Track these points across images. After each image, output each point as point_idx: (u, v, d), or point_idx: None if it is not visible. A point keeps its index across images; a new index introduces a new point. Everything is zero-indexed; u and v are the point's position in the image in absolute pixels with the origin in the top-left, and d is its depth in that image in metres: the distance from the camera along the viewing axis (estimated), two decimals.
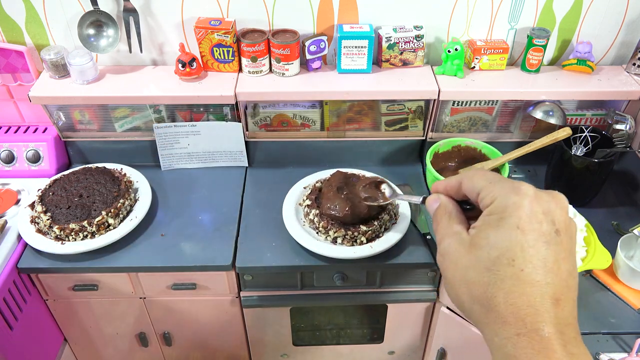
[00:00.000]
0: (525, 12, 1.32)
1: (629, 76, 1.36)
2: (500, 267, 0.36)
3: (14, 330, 1.19)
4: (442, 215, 0.43)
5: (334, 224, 1.16)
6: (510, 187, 0.38)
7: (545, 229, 0.36)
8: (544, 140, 1.24)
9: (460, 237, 0.40)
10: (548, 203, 0.38)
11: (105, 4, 1.27)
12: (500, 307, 0.36)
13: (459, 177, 0.43)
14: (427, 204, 0.46)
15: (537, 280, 0.35)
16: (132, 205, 1.28)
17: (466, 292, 0.38)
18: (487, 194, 0.39)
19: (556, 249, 0.36)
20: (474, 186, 0.41)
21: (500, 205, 0.38)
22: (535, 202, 0.37)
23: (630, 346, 1.00)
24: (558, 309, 0.35)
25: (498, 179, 0.40)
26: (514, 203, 0.37)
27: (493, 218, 0.38)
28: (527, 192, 0.37)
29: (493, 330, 0.36)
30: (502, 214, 0.37)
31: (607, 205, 1.35)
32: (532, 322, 0.35)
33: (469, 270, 0.38)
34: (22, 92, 1.39)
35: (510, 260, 0.36)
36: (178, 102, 1.33)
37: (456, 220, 0.42)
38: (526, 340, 0.34)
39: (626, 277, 1.10)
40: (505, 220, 0.37)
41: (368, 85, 1.31)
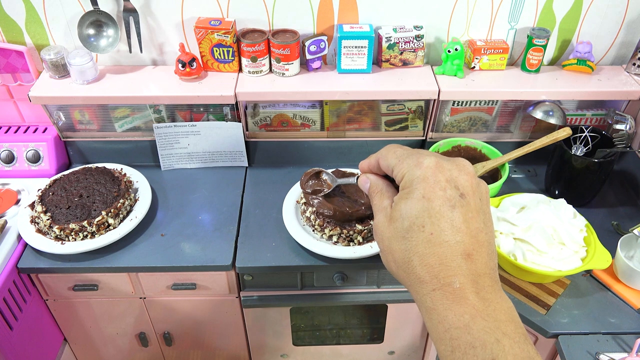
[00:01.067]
0: (525, 12, 1.32)
1: (629, 76, 1.36)
2: (412, 234, 0.40)
3: (14, 330, 1.19)
4: (375, 193, 0.47)
5: (330, 222, 1.16)
6: (415, 162, 0.42)
7: (450, 194, 0.40)
8: (544, 140, 1.24)
9: (386, 212, 0.44)
10: (450, 171, 0.41)
11: (105, 4, 1.27)
12: (417, 269, 0.40)
13: (376, 156, 0.47)
14: (359, 185, 0.49)
15: (446, 240, 0.39)
16: (132, 205, 1.28)
17: (392, 259, 0.42)
18: (398, 171, 0.43)
19: (462, 210, 0.40)
20: (388, 164, 0.45)
21: (408, 180, 0.41)
22: (437, 172, 0.41)
23: (630, 346, 1.00)
24: (470, 262, 0.39)
25: (406, 154, 0.43)
26: (418, 176, 0.41)
27: (404, 192, 0.42)
28: (428, 165, 0.41)
29: (414, 289, 0.41)
30: (410, 187, 0.41)
31: (607, 205, 1.35)
32: (445, 277, 0.38)
33: (391, 240, 0.42)
34: (22, 92, 1.39)
35: (421, 227, 0.40)
36: (178, 102, 1.33)
37: (386, 195, 0.46)
38: (440, 293, 0.38)
39: (626, 277, 1.10)
40: (413, 192, 0.40)
41: (368, 85, 1.31)
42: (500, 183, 1.24)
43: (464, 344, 0.36)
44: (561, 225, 1.09)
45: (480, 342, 0.36)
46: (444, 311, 0.38)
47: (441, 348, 0.38)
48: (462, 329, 0.37)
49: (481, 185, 0.42)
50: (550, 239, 1.07)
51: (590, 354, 1.00)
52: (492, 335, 0.36)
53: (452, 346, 0.37)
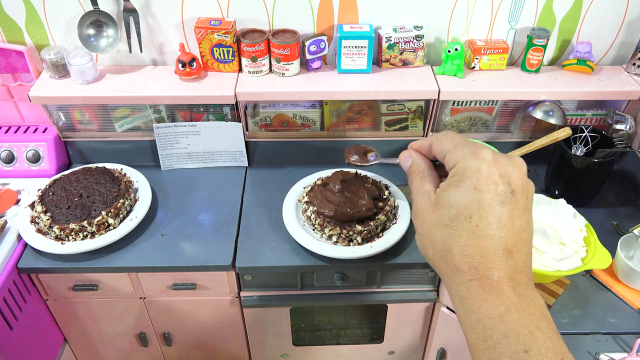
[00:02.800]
0: (525, 12, 1.32)
1: (629, 76, 1.36)
2: (458, 224, 0.40)
3: (14, 330, 1.19)
4: (416, 173, 0.46)
5: (330, 222, 1.16)
6: (472, 152, 0.41)
7: (501, 190, 0.40)
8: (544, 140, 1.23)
9: (429, 197, 0.44)
10: (505, 166, 0.41)
11: (105, 4, 1.27)
12: (456, 258, 0.40)
13: (430, 138, 0.46)
14: (400, 160, 0.49)
15: (491, 234, 0.39)
16: (132, 205, 1.28)
17: (430, 246, 0.42)
18: (452, 157, 0.42)
19: (511, 207, 0.40)
20: (442, 149, 0.44)
21: (461, 168, 0.41)
22: (493, 165, 0.40)
23: (630, 346, 1.00)
24: (510, 258, 0.39)
25: (463, 142, 0.43)
26: (473, 166, 0.40)
27: (454, 179, 0.41)
28: (485, 156, 0.41)
29: (450, 278, 0.41)
30: (462, 175, 0.41)
31: (607, 205, 1.35)
32: (484, 269, 0.39)
33: (433, 227, 0.42)
34: (22, 92, 1.39)
35: (468, 217, 0.40)
36: (178, 102, 1.33)
37: (428, 179, 0.45)
38: (477, 284, 0.39)
39: (626, 277, 1.10)
40: (465, 181, 0.40)
41: (368, 85, 1.31)
42: None
43: (497, 334, 0.37)
44: (561, 225, 1.09)
45: (514, 333, 0.36)
46: (479, 301, 0.38)
47: (472, 337, 0.39)
48: (496, 319, 0.37)
49: (530, 185, 0.42)
50: (550, 239, 1.07)
51: (590, 354, 1.00)
52: (526, 328, 0.36)
53: (485, 335, 0.37)
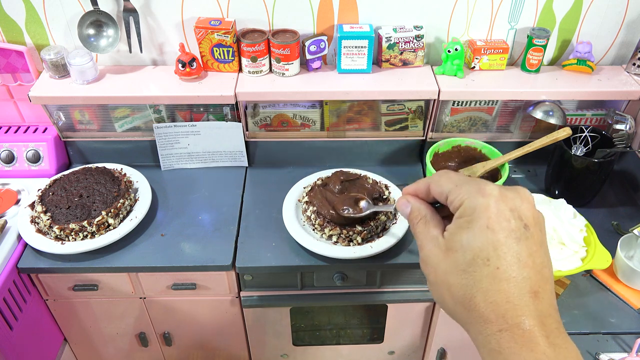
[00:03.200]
0: (525, 12, 1.32)
1: (629, 76, 1.36)
2: (476, 268, 0.37)
3: (14, 330, 1.19)
4: (417, 219, 0.44)
5: (330, 222, 1.17)
6: (476, 189, 0.39)
7: (514, 226, 0.38)
8: (544, 140, 1.24)
9: (437, 242, 0.41)
10: (513, 200, 0.39)
11: (105, 4, 1.27)
12: (480, 307, 0.37)
13: (427, 180, 0.44)
14: (399, 208, 0.46)
15: (513, 276, 0.36)
16: (132, 205, 1.28)
17: (448, 294, 0.39)
18: (455, 197, 0.40)
19: (527, 243, 0.37)
20: (442, 190, 0.42)
21: (468, 208, 0.39)
22: (501, 201, 0.38)
23: (630, 346, 1.00)
24: (537, 301, 0.36)
25: (464, 181, 0.41)
26: (481, 204, 0.38)
27: (463, 221, 0.39)
28: (492, 193, 0.38)
29: (476, 328, 0.37)
30: (471, 216, 0.38)
31: (607, 205, 1.35)
32: (513, 317, 0.36)
33: (448, 274, 0.39)
34: (22, 92, 1.39)
35: (485, 260, 0.37)
36: (178, 102, 1.33)
37: (432, 223, 0.43)
38: (509, 335, 0.35)
39: (626, 277, 1.10)
40: (475, 221, 0.38)
41: (368, 85, 1.31)
42: (500, 183, 1.24)
43: None
44: (561, 225, 1.09)
45: None
46: (512, 355, 0.35)
47: None
48: None
49: (541, 216, 0.40)
50: (550, 239, 1.07)
51: (590, 354, 1.00)
52: None
53: None
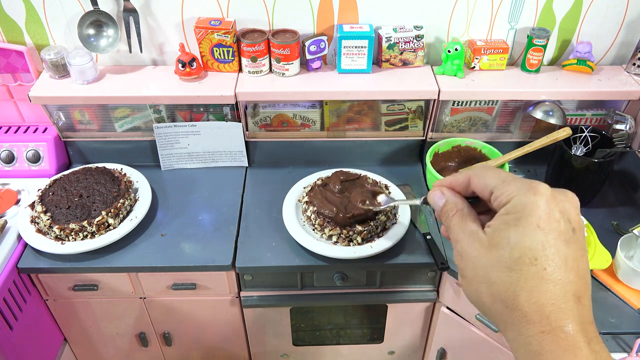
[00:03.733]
0: (525, 12, 1.32)
1: (629, 76, 1.36)
2: (523, 267, 0.36)
3: (14, 330, 1.19)
4: (453, 213, 0.42)
5: (330, 222, 1.17)
6: (527, 187, 0.38)
7: (564, 228, 0.37)
8: (544, 140, 1.24)
9: (478, 237, 0.40)
10: (563, 203, 0.38)
11: (105, 4, 1.27)
12: (523, 306, 0.36)
13: (467, 174, 0.43)
14: (432, 200, 0.45)
15: (560, 278, 0.35)
16: (132, 205, 1.28)
17: (487, 291, 0.38)
18: (502, 192, 0.39)
19: (575, 247, 0.37)
20: (487, 184, 0.40)
21: (518, 204, 0.37)
22: (552, 201, 0.37)
23: (630, 346, 1.00)
24: (580, 306, 0.36)
25: (511, 177, 0.40)
26: (532, 202, 0.37)
27: (511, 217, 0.38)
28: (544, 192, 0.37)
29: (516, 329, 0.36)
30: (521, 213, 0.37)
31: (607, 205, 1.35)
32: (557, 320, 0.35)
33: (490, 270, 0.38)
34: (22, 92, 1.39)
35: (533, 259, 0.36)
36: (178, 102, 1.33)
37: (470, 218, 0.41)
38: (551, 338, 0.35)
39: (626, 277, 1.10)
40: (525, 219, 0.37)
41: (368, 85, 1.31)
42: None
43: None
44: None
45: None
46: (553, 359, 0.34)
47: None
48: None
49: (582, 221, 0.40)
50: None
51: None
52: None
53: None
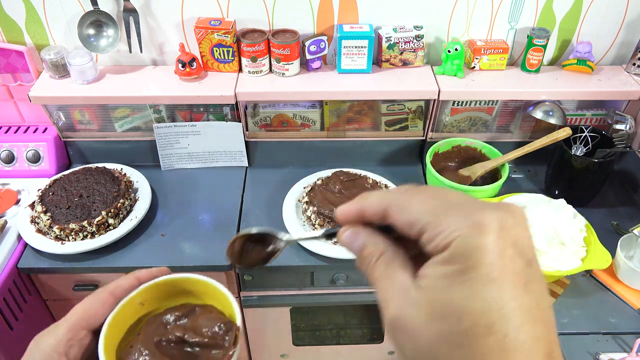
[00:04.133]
0: (525, 12, 1.32)
1: (629, 76, 1.36)
2: (477, 340, 0.27)
3: (14, 330, 1.19)
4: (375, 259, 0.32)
5: (330, 222, 1.17)
6: (469, 222, 0.28)
7: (520, 267, 0.28)
8: (544, 140, 1.24)
9: (411, 297, 0.29)
10: (514, 230, 0.28)
11: (105, 4, 1.27)
12: None
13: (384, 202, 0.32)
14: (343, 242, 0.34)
15: (526, 340, 0.27)
16: (132, 205, 1.28)
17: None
18: (438, 232, 0.28)
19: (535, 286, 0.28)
20: (414, 219, 0.30)
21: (460, 253, 0.28)
22: (502, 236, 0.28)
23: (630, 346, 1.00)
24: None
25: (446, 204, 0.29)
26: (479, 246, 0.27)
27: (453, 270, 0.28)
28: (491, 226, 0.28)
29: None
30: (466, 263, 0.27)
31: (607, 205, 1.35)
32: None
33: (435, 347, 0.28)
34: (22, 92, 1.39)
35: (488, 327, 0.26)
36: (178, 102, 1.33)
37: (396, 264, 0.31)
38: None
39: (626, 277, 1.10)
40: (472, 271, 0.27)
41: (368, 85, 1.31)
42: (500, 183, 1.24)
43: None
44: (561, 225, 1.09)
45: None
46: None
47: None
48: None
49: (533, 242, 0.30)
50: (550, 239, 1.07)
51: (590, 354, 1.00)
52: None
53: None
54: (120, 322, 0.42)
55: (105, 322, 0.40)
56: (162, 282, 0.45)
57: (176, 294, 0.46)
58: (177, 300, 0.46)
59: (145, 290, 0.44)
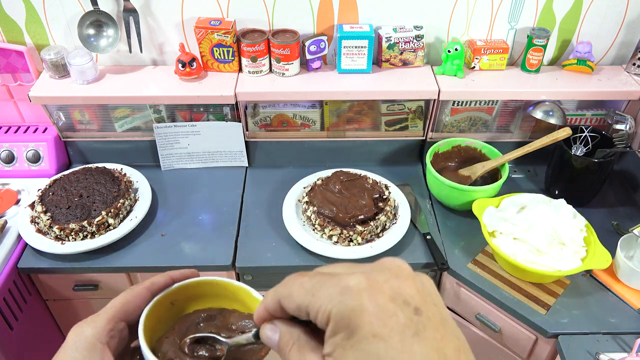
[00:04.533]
0: (525, 12, 1.32)
1: (629, 76, 1.36)
2: None
3: (14, 330, 1.19)
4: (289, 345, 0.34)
5: (330, 222, 1.17)
6: (338, 290, 0.30)
7: (404, 318, 0.28)
8: (544, 140, 1.24)
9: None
10: (388, 282, 0.30)
11: (105, 4, 1.27)
12: None
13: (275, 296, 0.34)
14: (265, 338, 0.35)
15: None
16: (132, 205, 1.28)
17: None
18: (318, 309, 0.30)
19: (428, 333, 0.28)
20: (298, 306, 0.32)
21: (339, 321, 0.29)
22: (375, 293, 0.29)
23: (630, 346, 1.00)
24: None
25: (319, 283, 0.31)
26: (353, 308, 0.29)
27: (340, 339, 0.29)
28: (358, 286, 0.29)
29: None
30: (348, 328, 0.29)
31: (607, 205, 1.35)
32: None
33: None
34: (22, 92, 1.39)
35: None
36: (178, 102, 1.33)
37: (307, 348, 0.33)
38: None
39: (626, 277, 1.10)
40: (356, 334, 0.28)
41: (368, 85, 1.31)
42: (500, 183, 1.24)
43: None
44: (561, 225, 1.09)
45: None
46: None
47: None
48: None
49: (427, 282, 0.32)
50: (550, 239, 1.07)
51: (590, 354, 1.00)
52: None
53: None
54: (154, 318, 0.44)
55: (142, 314, 0.42)
56: (193, 284, 0.47)
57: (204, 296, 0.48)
58: (205, 303, 0.48)
59: (177, 290, 0.46)
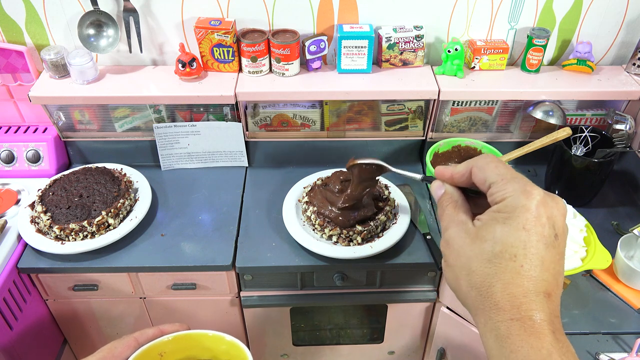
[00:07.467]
0: (525, 12, 1.32)
1: (629, 76, 1.36)
2: (502, 261, 0.39)
3: (14, 330, 1.19)
4: (448, 203, 0.46)
5: (330, 222, 1.17)
6: (522, 189, 0.40)
7: (547, 233, 0.40)
8: (544, 140, 1.24)
9: (465, 227, 0.43)
10: (552, 209, 0.40)
11: (105, 4, 1.27)
12: (497, 295, 0.39)
13: (469, 165, 0.45)
14: (432, 190, 0.49)
15: (534, 276, 0.39)
16: (132, 205, 1.28)
17: (465, 278, 0.42)
18: (498, 190, 0.41)
19: (553, 251, 0.40)
20: (486, 178, 0.43)
21: (509, 205, 0.40)
22: (542, 207, 0.40)
23: (630, 346, 1.00)
24: (549, 301, 0.39)
25: (510, 175, 0.42)
26: (522, 205, 0.40)
27: (501, 216, 0.41)
28: (536, 196, 0.40)
29: (487, 314, 0.40)
30: (511, 213, 0.40)
31: (607, 205, 1.35)
32: (526, 310, 0.38)
33: (472, 259, 0.41)
34: (22, 92, 1.39)
35: (513, 255, 0.39)
36: (178, 102, 1.33)
37: (462, 209, 0.45)
38: (519, 324, 0.38)
39: (626, 277, 1.10)
40: (513, 219, 0.40)
41: (368, 85, 1.31)
42: None
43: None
44: None
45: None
46: (520, 342, 0.38)
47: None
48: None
49: (567, 229, 0.43)
50: None
51: (590, 354, 1.00)
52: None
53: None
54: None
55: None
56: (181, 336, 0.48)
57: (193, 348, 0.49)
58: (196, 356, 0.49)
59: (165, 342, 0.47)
